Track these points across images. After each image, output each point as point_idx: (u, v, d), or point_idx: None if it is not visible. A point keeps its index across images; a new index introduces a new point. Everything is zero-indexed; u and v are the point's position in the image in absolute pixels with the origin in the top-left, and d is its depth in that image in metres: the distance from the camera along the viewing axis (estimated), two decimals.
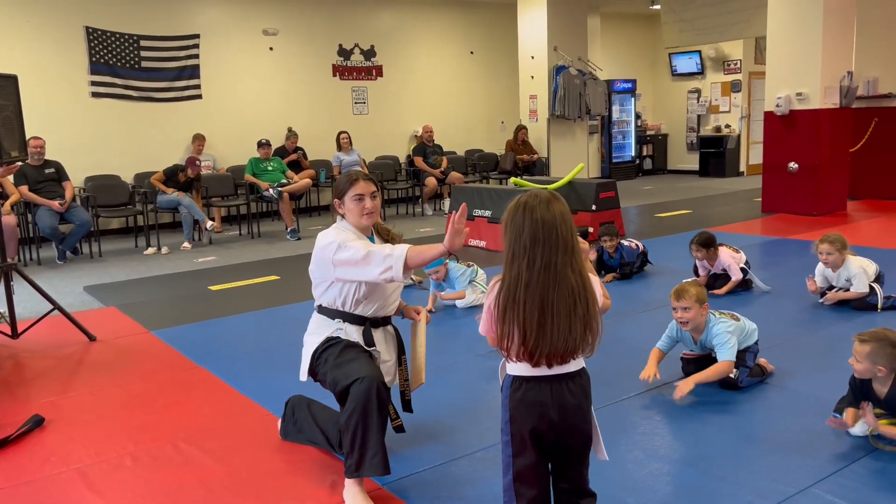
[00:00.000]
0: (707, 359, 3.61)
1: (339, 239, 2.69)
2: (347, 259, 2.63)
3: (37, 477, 2.92)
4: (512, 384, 2.03)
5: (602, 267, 5.98)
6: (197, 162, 8.75)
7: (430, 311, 5.10)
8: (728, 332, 3.46)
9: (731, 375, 3.46)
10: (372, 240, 2.86)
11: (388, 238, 2.95)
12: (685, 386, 3.35)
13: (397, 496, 2.65)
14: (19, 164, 4.85)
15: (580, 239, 2.02)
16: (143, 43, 9.78)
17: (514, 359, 2.00)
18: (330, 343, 2.78)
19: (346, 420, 2.55)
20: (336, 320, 2.81)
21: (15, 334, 4.71)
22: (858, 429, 2.93)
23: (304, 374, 2.88)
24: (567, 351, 1.96)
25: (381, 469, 2.54)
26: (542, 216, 1.92)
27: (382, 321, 2.88)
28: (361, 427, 2.53)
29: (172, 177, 8.61)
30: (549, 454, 2.07)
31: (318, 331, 2.85)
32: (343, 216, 2.84)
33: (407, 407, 2.96)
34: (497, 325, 1.98)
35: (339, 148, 10.49)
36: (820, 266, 4.92)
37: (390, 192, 11.16)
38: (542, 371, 2.00)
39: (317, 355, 2.80)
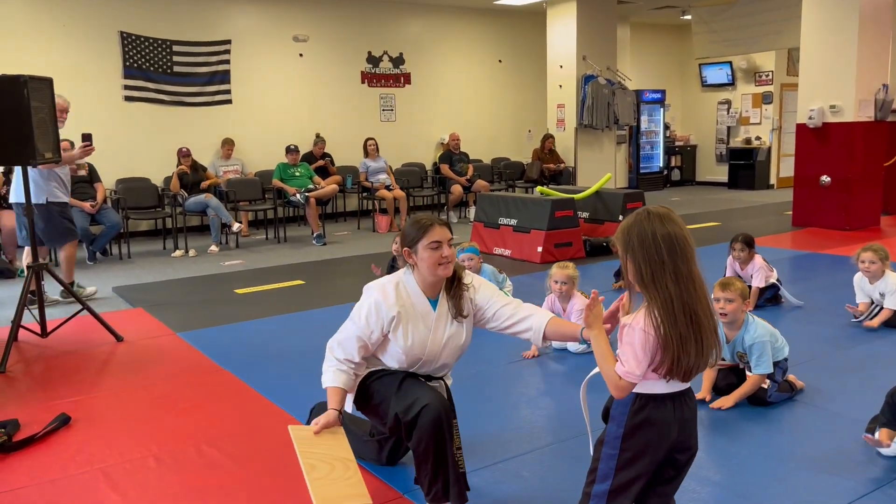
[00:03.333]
0: (732, 369, 3.57)
1: (360, 314, 2.57)
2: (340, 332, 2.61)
3: (61, 476, 2.95)
4: (634, 402, 1.97)
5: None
6: (184, 150, 8.91)
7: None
8: (765, 342, 3.42)
9: (763, 385, 3.43)
10: (434, 304, 2.59)
11: (459, 297, 2.66)
12: (726, 403, 3.41)
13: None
14: (90, 143, 5.54)
15: (566, 263, 1.99)
16: (175, 48, 9.91)
17: (655, 377, 1.94)
18: (382, 374, 2.62)
19: (423, 451, 2.40)
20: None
21: (44, 333, 4.77)
22: (892, 449, 2.86)
23: (349, 405, 2.70)
24: (708, 358, 1.95)
25: (459, 498, 2.43)
26: (671, 229, 1.90)
27: (434, 376, 2.69)
28: (440, 457, 2.40)
29: (183, 177, 8.80)
30: (654, 470, 2.03)
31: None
32: (414, 266, 2.58)
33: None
34: (658, 353, 1.90)
35: (366, 154, 10.53)
36: (857, 278, 4.81)
37: (416, 199, 11.18)
38: (670, 388, 1.96)
39: (364, 384, 2.65)
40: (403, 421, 2.43)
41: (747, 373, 3.47)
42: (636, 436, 1.96)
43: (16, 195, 5.59)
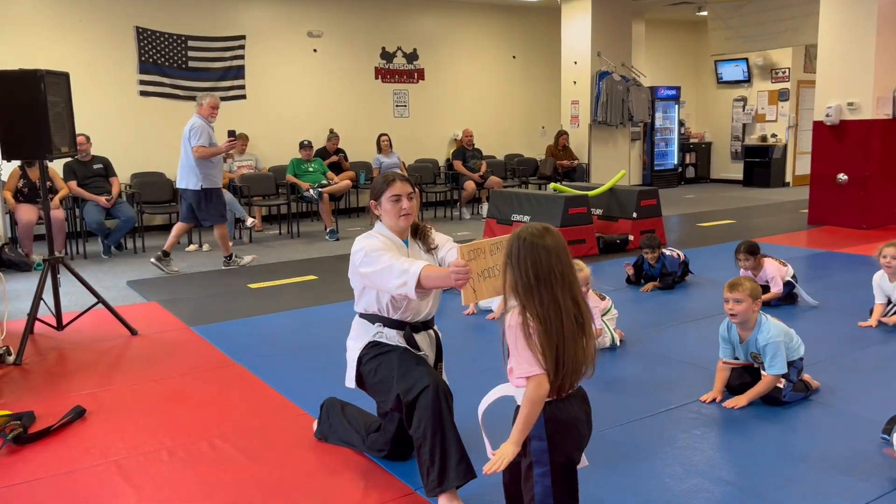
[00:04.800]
0: (746, 369, 3.55)
1: (367, 247, 2.67)
2: (369, 269, 2.63)
3: (76, 468, 2.97)
4: (545, 410, 2.01)
5: (642, 276, 5.91)
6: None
7: (471, 314, 5.13)
8: (778, 342, 3.38)
9: (778, 385, 3.41)
10: (406, 242, 2.83)
11: (425, 236, 2.89)
12: (740, 402, 3.39)
13: (430, 501, 2.63)
14: (234, 138, 6.68)
15: (580, 264, 2.09)
16: (190, 43, 9.95)
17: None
18: (379, 351, 2.76)
19: (422, 432, 2.51)
20: (376, 324, 2.80)
21: (60, 326, 4.81)
22: None
23: (350, 381, 2.86)
24: (579, 377, 2.02)
25: (465, 474, 2.49)
26: (537, 256, 1.95)
27: (423, 325, 2.85)
28: (440, 436, 2.49)
29: None
30: None
31: (358, 335, 2.85)
32: (380, 218, 2.83)
33: None
34: (546, 353, 1.96)
35: (380, 150, 10.54)
36: (877, 276, 4.75)
37: (429, 195, 11.18)
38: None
39: (362, 362, 2.79)
40: (405, 402, 2.57)
41: (762, 372, 3.45)
42: (560, 440, 2.00)
43: (184, 181, 6.72)
